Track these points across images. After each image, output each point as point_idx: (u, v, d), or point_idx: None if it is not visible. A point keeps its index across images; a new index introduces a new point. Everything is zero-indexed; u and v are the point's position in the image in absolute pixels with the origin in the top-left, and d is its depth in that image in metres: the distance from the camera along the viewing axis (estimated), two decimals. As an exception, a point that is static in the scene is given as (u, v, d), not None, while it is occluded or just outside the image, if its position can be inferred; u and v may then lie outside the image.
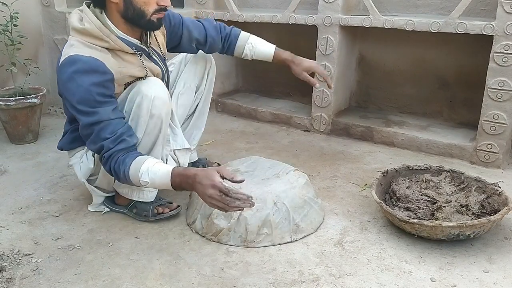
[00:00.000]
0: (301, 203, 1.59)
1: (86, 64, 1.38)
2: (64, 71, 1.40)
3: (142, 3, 1.45)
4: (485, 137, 2.13)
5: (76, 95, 1.38)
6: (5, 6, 2.40)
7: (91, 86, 1.37)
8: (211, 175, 1.25)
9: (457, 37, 2.15)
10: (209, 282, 1.34)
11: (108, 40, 1.45)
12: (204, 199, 1.27)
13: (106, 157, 1.41)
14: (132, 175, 1.37)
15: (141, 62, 1.55)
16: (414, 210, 1.64)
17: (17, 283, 1.33)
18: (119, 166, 1.39)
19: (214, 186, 1.24)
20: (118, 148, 1.40)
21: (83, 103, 1.38)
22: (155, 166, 1.36)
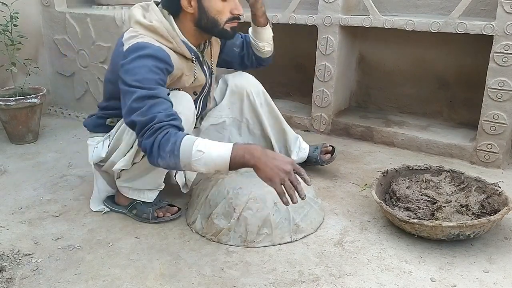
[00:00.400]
0: (301, 203, 1.59)
1: (155, 51, 1.41)
2: (130, 55, 1.40)
3: (215, 12, 1.48)
4: (485, 137, 2.13)
5: (138, 74, 1.36)
6: (5, 6, 2.40)
7: (156, 68, 1.39)
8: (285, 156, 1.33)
9: (457, 37, 2.15)
10: (209, 282, 1.34)
11: (172, 41, 1.49)
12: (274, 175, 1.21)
13: (155, 128, 1.29)
14: (185, 145, 1.26)
15: (194, 69, 1.60)
16: (414, 210, 1.64)
17: (17, 283, 1.33)
18: (169, 137, 1.28)
19: (292, 163, 1.24)
20: (172, 123, 1.31)
21: (143, 81, 1.35)
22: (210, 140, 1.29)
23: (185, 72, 1.56)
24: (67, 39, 2.78)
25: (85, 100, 2.86)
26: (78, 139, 2.55)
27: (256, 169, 1.25)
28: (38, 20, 2.88)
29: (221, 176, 1.65)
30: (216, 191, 1.59)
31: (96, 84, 2.75)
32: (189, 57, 1.56)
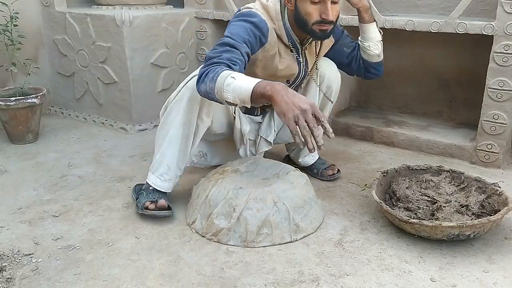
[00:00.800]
0: (301, 203, 1.59)
1: (259, 21, 1.59)
2: (238, 17, 1.62)
3: (305, 13, 1.59)
4: (485, 137, 2.13)
5: (234, 30, 1.55)
6: (5, 6, 2.41)
7: (251, 31, 1.56)
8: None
9: (457, 37, 2.15)
10: (209, 282, 1.34)
11: (276, 23, 1.65)
12: (288, 110, 1.26)
13: (213, 62, 1.43)
14: (224, 72, 1.37)
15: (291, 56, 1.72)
16: (414, 210, 1.64)
17: (17, 283, 1.33)
18: (216, 68, 1.39)
19: (311, 105, 1.28)
20: (227, 63, 1.42)
21: (235, 35, 1.52)
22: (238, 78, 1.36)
23: (282, 55, 1.70)
24: (67, 39, 2.78)
25: (85, 100, 2.87)
26: (78, 139, 2.55)
27: (273, 101, 1.30)
28: (38, 20, 2.88)
29: (221, 176, 1.65)
30: (216, 191, 1.59)
31: (96, 84, 2.75)
32: (286, 43, 1.69)
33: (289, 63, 1.74)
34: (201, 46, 2.94)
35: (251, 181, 1.62)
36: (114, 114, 2.74)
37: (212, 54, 1.47)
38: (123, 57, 2.55)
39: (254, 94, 1.32)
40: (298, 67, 1.78)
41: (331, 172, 2.01)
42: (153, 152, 1.75)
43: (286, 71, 1.74)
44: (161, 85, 2.75)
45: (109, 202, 1.83)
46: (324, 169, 2.02)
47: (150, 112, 2.73)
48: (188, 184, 1.96)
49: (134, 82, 2.61)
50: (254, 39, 1.57)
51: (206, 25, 2.87)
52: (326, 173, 2.02)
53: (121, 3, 2.71)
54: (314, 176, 2.04)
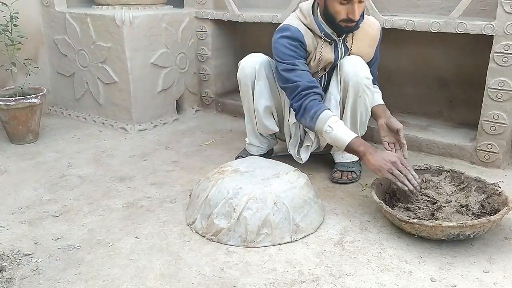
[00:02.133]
0: (301, 203, 1.59)
1: (291, 32, 1.82)
2: (275, 36, 1.87)
3: (333, 11, 1.76)
4: (485, 137, 2.13)
5: (279, 52, 1.83)
6: (5, 6, 2.41)
7: (290, 45, 1.81)
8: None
9: (457, 37, 2.15)
10: (209, 282, 1.34)
11: (307, 18, 1.85)
12: (381, 166, 1.57)
13: (302, 95, 1.76)
14: (321, 119, 1.71)
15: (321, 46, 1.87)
16: (414, 210, 1.64)
17: (17, 283, 1.33)
18: (313, 107, 1.74)
19: (398, 157, 1.59)
20: (315, 91, 1.77)
21: (283, 56, 1.82)
22: (343, 123, 1.72)
23: (318, 47, 1.87)
24: (67, 39, 2.79)
25: (85, 100, 2.87)
26: (78, 139, 2.55)
27: (366, 160, 1.63)
28: (38, 20, 2.88)
29: (221, 176, 1.65)
30: (216, 191, 1.59)
31: (96, 84, 2.75)
32: (318, 34, 1.85)
33: (324, 54, 1.88)
34: (201, 46, 2.94)
35: (251, 181, 1.62)
36: (114, 114, 2.74)
37: (286, 85, 1.81)
38: (123, 57, 2.55)
39: (348, 149, 1.67)
40: (335, 57, 1.90)
41: (338, 175, 2.00)
42: (152, 152, 1.75)
43: (323, 62, 1.90)
44: (161, 85, 2.75)
45: (109, 202, 1.83)
46: (334, 174, 2.01)
47: (150, 112, 2.73)
48: (188, 184, 1.96)
49: (134, 82, 2.61)
50: (298, 50, 1.83)
51: (206, 25, 2.87)
52: (334, 176, 2.00)
53: (121, 3, 2.71)
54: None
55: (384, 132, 1.86)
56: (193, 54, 2.95)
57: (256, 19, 2.61)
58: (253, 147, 2.15)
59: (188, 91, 2.98)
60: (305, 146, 2.03)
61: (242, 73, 1.97)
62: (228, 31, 3.01)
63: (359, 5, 1.72)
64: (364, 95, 1.88)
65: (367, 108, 1.92)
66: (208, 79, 3.00)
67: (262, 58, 1.98)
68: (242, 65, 1.98)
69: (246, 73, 1.96)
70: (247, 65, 1.96)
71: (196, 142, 2.50)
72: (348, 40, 1.92)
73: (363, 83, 1.85)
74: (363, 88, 1.86)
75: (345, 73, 1.87)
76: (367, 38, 1.95)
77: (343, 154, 2.03)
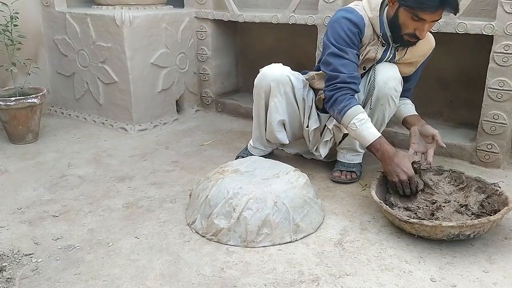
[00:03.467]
0: (301, 203, 1.59)
1: (355, 17, 1.78)
2: (338, 14, 1.81)
3: (402, 23, 1.71)
4: (485, 137, 2.13)
5: (335, 32, 1.78)
6: (5, 6, 2.40)
7: (350, 31, 1.76)
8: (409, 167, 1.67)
9: (457, 37, 2.15)
10: (209, 282, 1.34)
11: (372, 13, 1.79)
12: (393, 175, 1.66)
13: (337, 87, 1.75)
14: (349, 114, 1.72)
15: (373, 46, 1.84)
16: (414, 210, 1.64)
17: (17, 283, 1.33)
18: (343, 100, 1.74)
19: (410, 177, 1.65)
20: (351, 86, 1.76)
21: (338, 39, 1.77)
22: (369, 122, 1.73)
23: (369, 45, 1.83)
24: (67, 39, 2.78)
25: (85, 100, 2.87)
26: (78, 139, 2.55)
27: (382, 163, 1.71)
28: (38, 20, 2.88)
29: (221, 176, 1.65)
30: (216, 191, 1.59)
31: (96, 84, 2.75)
32: (377, 32, 1.81)
33: (373, 53, 1.84)
34: (201, 46, 2.94)
35: (251, 181, 1.62)
36: (114, 114, 2.74)
37: (329, 71, 1.78)
38: (123, 57, 2.55)
39: (370, 149, 1.73)
40: (381, 58, 1.87)
41: (337, 174, 2.00)
42: (152, 152, 1.75)
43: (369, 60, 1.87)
44: (161, 85, 2.75)
45: (109, 202, 1.83)
46: (334, 173, 2.01)
47: (150, 112, 2.73)
48: (188, 184, 1.96)
49: (134, 82, 2.61)
50: (354, 38, 1.78)
51: (206, 25, 2.87)
52: (334, 175, 2.01)
53: (121, 3, 2.71)
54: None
55: (414, 139, 1.85)
56: (193, 54, 2.95)
57: (256, 19, 2.61)
58: (256, 149, 2.15)
59: (188, 91, 2.98)
60: (323, 142, 2.03)
61: (259, 83, 1.95)
62: (228, 31, 3.01)
63: (430, 24, 1.68)
64: (386, 104, 1.87)
65: (384, 117, 1.92)
66: (208, 79, 3.00)
67: (283, 71, 1.93)
68: (262, 74, 1.95)
69: (262, 85, 1.94)
70: (265, 77, 1.93)
71: (196, 142, 2.50)
72: (400, 50, 1.87)
73: (389, 94, 1.85)
74: (387, 98, 1.85)
75: (376, 78, 1.85)
76: (418, 54, 1.91)
77: (345, 154, 2.03)
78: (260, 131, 2.08)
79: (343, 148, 2.04)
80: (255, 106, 2.03)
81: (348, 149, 2.03)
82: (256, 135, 2.11)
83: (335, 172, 2.01)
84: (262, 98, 1.97)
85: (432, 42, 1.92)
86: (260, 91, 1.96)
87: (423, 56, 1.93)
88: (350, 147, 2.02)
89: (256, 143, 2.13)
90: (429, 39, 1.90)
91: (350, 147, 2.02)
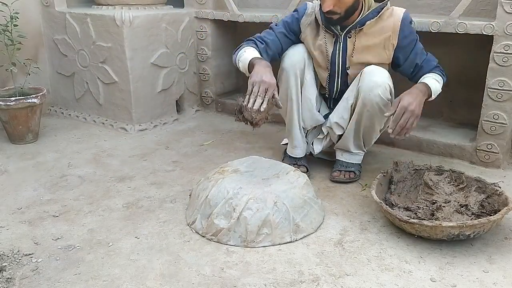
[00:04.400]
0: (301, 203, 1.59)
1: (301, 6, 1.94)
2: None
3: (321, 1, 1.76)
4: (485, 137, 2.13)
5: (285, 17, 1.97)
6: (5, 6, 2.40)
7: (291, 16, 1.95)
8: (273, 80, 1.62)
9: (457, 37, 2.15)
10: (209, 282, 1.34)
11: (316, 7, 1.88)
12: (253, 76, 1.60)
13: (247, 39, 1.91)
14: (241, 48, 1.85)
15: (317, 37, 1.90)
16: (414, 210, 1.64)
17: (17, 283, 1.33)
18: (238, 48, 1.87)
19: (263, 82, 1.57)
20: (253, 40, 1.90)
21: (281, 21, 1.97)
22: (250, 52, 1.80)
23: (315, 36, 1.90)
24: (67, 39, 2.78)
25: (85, 100, 2.87)
26: (78, 139, 2.55)
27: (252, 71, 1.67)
28: (38, 20, 2.88)
29: (221, 176, 1.65)
30: (216, 191, 1.59)
31: (96, 84, 2.75)
32: (319, 23, 1.87)
33: (317, 45, 1.89)
34: (201, 46, 2.94)
35: (251, 181, 1.62)
36: (114, 114, 2.74)
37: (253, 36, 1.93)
38: (123, 57, 2.55)
39: (249, 67, 1.73)
40: (332, 49, 1.88)
41: (336, 174, 2.00)
42: (152, 152, 1.76)
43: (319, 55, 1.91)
44: (161, 85, 2.75)
45: (109, 202, 1.83)
46: (334, 173, 2.01)
47: (150, 112, 2.73)
48: (188, 184, 1.96)
49: (134, 82, 2.61)
50: (291, 19, 1.93)
51: (206, 25, 2.87)
52: (334, 175, 2.00)
53: (121, 3, 2.71)
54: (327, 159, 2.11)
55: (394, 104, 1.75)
56: (193, 54, 2.95)
57: (256, 19, 2.61)
58: (297, 149, 2.05)
59: (188, 91, 2.98)
60: (317, 139, 2.03)
61: (290, 63, 1.88)
62: (228, 31, 3.01)
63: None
64: (372, 111, 1.83)
65: (372, 123, 1.88)
66: (208, 79, 3.00)
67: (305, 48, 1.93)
68: (288, 55, 1.90)
69: (294, 62, 1.88)
70: (293, 53, 1.90)
71: (196, 142, 2.50)
72: (352, 36, 1.85)
73: (374, 101, 1.80)
74: (372, 105, 1.81)
75: (362, 84, 1.82)
76: (380, 36, 1.82)
77: (343, 153, 2.03)
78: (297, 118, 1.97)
79: (339, 149, 2.04)
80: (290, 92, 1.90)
81: (343, 150, 2.03)
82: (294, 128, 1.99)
83: (334, 172, 2.01)
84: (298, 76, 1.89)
85: (395, 17, 1.81)
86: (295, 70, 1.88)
87: (390, 32, 1.81)
88: (344, 149, 2.02)
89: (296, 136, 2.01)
90: (393, 13, 1.82)
91: (344, 149, 2.02)
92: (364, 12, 1.81)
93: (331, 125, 1.98)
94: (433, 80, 1.84)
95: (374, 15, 1.80)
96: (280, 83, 1.91)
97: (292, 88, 1.90)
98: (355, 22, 1.81)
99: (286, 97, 1.93)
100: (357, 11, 1.80)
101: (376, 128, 1.92)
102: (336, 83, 1.96)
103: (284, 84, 1.91)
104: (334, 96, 2.03)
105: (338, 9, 1.72)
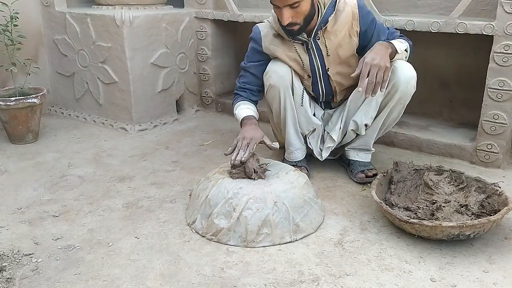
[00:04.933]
0: (301, 203, 1.59)
1: (254, 34, 1.96)
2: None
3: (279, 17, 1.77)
4: (485, 137, 2.13)
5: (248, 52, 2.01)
6: (5, 6, 2.41)
7: (251, 49, 1.98)
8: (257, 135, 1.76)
9: (457, 37, 2.15)
10: (209, 282, 1.34)
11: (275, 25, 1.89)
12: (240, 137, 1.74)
13: (234, 93, 2.03)
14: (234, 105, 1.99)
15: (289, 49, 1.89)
16: (414, 210, 1.64)
17: (17, 283, 1.33)
18: (234, 101, 2.01)
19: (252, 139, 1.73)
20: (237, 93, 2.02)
21: (245, 58, 2.01)
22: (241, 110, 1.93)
23: (285, 51, 1.89)
24: (67, 39, 2.78)
25: (85, 100, 2.87)
26: (78, 139, 2.55)
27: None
28: (38, 20, 2.88)
29: (221, 176, 1.65)
30: (216, 191, 1.59)
31: (96, 84, 2.75)
32: (286, 38, 1.88)
33: (296, 58, 1.89)
34: (201, 46, 2.94)
35: (251, 181, 1.62)
36: (114, 114, 2.74)
37: (237, 81, 2.04)
38: (123, 57, 2.55)
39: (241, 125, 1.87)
40: (307, 56, 1.89)
41: (362, 176, 1.98)
42: (152, 152, 1.76)
43: (296, 66, 1.91)
44: (161, 85, 2.75)
45: (109, 202, 1.83)
46: (357, 174, 2.00)
47: (150, 112, 2.73)
48: (188, 184, 1.96)
49: (134, 82, 2.61)
50: (254, 52, 1.96)
51: (206, 25, 2.87)
52: (358, 176, 1.99)
53: (121, 3, 2.71)
54: (343, 164, 2.12)
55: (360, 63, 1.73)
56: (193, 54, 2.95)
57: (256, 19, 2.61)
58: (297, 151, 2.05)
59: (188, 91, 2.98)
60: (326, 147, 2.03)
61: (277, 77, 1.88)
62: (228, 31, 3.01)
63: (286, 9, 1.68)
64: (404, 102, 1.89)
65: (399, 114, 1.94)
66: (208, 79, 3.00)
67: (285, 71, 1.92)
68: (272, 70, 1.90)
69: (281, 75, 1.88)
70: (279, 67, 1.89)
71: (196, 142, 2.50)
72: (320, 37, 1.85)
73: (410, 92, 1.86)
74: (408, 96, 1.86)
75: (397, 79, 1.82)
76: (343, 28, 1.84)
77: (358, 152, 2.04)
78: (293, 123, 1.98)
79: (354, 148, 2.04)
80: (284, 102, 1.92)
81: (360, 149, 2.04)
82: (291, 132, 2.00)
83: (358, 174, 1.99)
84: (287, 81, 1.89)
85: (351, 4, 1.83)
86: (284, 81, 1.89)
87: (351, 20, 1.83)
88: (364, 147, 2.03)
89: (293, 140, 2.02)
90: (346, 2, 1.83)
91: (364, 147, 2.03)
92: (322, 12, 1.82)
93: (359, 128, 1.96)
94: (395, 41, 1.86)
95: (331, 10, 1.83)
96: (272, 99, 1.94)
97: (285, 99, 1.91)
98: (317, 24, 1.82)
99: (279, 110, 1.94)
100: (315, 15, 1.81)
101: (398, 118, 1.98)
102: (320, 87, 1.97)
103: (275, 99, 1.92)
104: (322, 100, 2.04)
105: (297, 19, 1.73)
